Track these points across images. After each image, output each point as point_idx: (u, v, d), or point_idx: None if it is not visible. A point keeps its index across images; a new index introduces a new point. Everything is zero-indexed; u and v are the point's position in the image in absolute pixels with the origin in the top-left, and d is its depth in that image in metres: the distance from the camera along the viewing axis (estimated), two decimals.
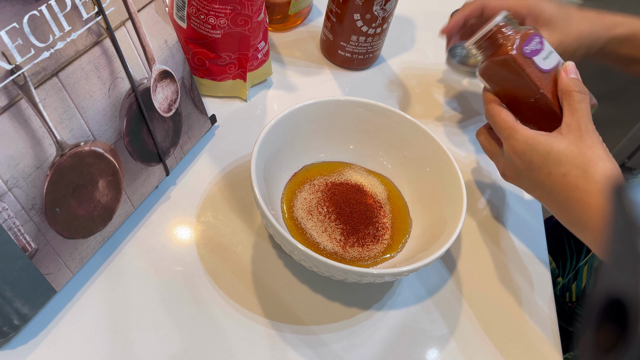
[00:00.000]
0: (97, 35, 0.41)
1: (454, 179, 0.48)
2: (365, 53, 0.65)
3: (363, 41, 0.64)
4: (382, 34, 0.65)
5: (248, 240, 0.49)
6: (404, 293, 0.49)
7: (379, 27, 0.63)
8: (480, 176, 0.60)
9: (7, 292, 0.38)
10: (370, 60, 0.67)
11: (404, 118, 0.52)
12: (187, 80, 0.52)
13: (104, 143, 0.43)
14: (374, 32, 0.63)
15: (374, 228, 0.50)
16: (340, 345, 0.44)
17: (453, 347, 0.46)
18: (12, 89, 0.35)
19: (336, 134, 0.54)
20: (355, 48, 0.64)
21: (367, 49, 0.65)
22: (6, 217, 0.37)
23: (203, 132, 0.56)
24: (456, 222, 0.45)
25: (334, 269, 0.41)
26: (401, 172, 0.54)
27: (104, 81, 0.42)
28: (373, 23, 0.62)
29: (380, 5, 0.60)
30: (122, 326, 0.43)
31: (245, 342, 0.43)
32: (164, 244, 0.48)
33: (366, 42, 0.64)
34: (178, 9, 0.55)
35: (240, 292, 0.46)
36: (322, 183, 0.52)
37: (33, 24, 0.36)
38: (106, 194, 0.44)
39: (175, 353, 0.42)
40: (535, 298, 0.50)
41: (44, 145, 0.38)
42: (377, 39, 0.65)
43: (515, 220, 0.56)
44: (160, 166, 0.50)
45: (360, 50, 0.65)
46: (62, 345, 0.41)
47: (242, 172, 0.54)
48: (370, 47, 0.65)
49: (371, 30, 0.63)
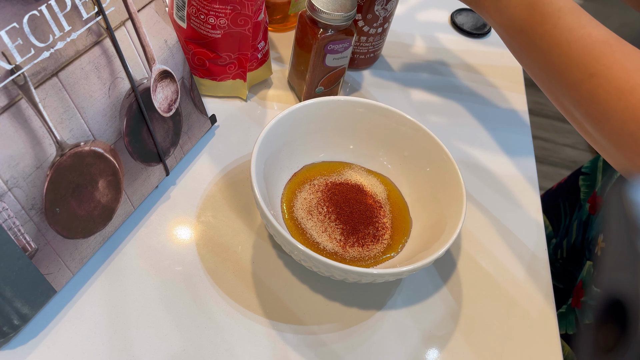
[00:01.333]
0: (97, 35, 0.41)
1: (454, 179, 0.48)
2: (366, 53, 0.65)
3: (364, 41, 0.64)
4: (383, 34, 0.65)
5: (248, 240, 0.49)
6: (404, 293, 0.49)
7: (380, 26, 0.63)
8: (481, 176, 0.60)
9: (7, 292, 0.38)
10: (371, 60, 0.67)
11: (404, 118, 0.52)
12: (187, 80, 0.52)
13: (104, 143, 0.43)
14: (375, 32, 0.63)
15: (374, 228, 0.50)
16: (340, 345, 0.44)
17: (453, 347, 0.46)
18: (12, 89, 0.35)
19: (336, 134, 0.54)
20: (357, 48, 0.64)
21: (369, 48, 0.65)
22: (6, 217, 0.37)
23: (203, 132, 0.56)
24: (456, 222, 0.45)
25: (334, 269, 0.41)
26: (401, 172, 0.54)
27: (104, 81, 0.42)
28: (374, 23, 0.62)
29: (381, 5, 0.60)
30: (122, 326, 0.43)
31: (245, 342, 0.43)
32: (164, 244, 0.48)
33: (367, 42, 0.64)
34: (178, 9, 0.55)
35: (240, 292, 0.46)
36: (322, 183, 0.52)
37: (33, 24, 0.36)
38: (106, 194, 0.44)
39: (175, 353, 0.42)
40: (536, 298, 0.50)
41: (44, 145, 0.38)
42: (378, 38, 0.65)
43: (515, 220, 0.56)
44: (160, 166, 0.50)
45: (361, 50, 0.65)
46: (62, 345, 0.41)
47: (242, 172, 0.54)
48: (371, 46, 0.65)
49: (372, 30, 0.63)
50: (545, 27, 0.43)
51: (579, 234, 0.65)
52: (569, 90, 0.42)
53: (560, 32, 0.43)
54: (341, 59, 0.57)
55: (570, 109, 0.43)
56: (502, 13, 0.46)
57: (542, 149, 1.81)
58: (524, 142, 0.64)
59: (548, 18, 0.43)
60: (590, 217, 0.64)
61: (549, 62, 0.44)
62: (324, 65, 0.57)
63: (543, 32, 0.43)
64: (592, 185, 0.69)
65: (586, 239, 0.63)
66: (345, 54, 0.57)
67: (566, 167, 1.78)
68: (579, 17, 0.43)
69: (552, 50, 0.43)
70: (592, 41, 0.41)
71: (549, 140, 1.84)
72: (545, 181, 1.71)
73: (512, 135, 0.64)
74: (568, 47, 0.42)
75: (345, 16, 0.53)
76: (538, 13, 0.44)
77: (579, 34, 0.42)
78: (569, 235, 0.67)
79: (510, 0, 0.45)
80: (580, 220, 0.66)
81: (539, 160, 1.76)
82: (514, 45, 0.47)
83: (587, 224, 0.64)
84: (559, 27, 0.43)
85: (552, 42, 0.43)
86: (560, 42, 0.42)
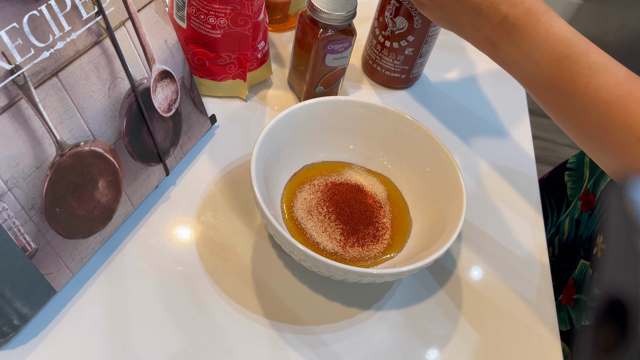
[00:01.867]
0: (97, 35, 0.41)
1: (454, 179, 0.48)
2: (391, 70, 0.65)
3: (380, 50, 0.64)
4: (398, 52, 0.63)
5: (248, 240, 0.49)
6: (404, 293, 0.49)
7: (395, 41, 0.62)
8: (481, 176, 0.60)
9: (7, 292, 0.38)
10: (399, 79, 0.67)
11: (404, 118, 0.52)
12: (187, 80, 0.52)
13: (104, 143, 0.43)
14: (389, 45, 0.62)
15: (374, 228, 0.50)
16: (340, 345, 0.44)
17: (453, 347, 0.46)
18: (12, 89, 0.35)
19: (336, 134, 0.54)
20: (378, 59, 0.64)
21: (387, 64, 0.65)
22: (6, 217, 0.37)
23: (203, 132, 0.56)
24: (456, 222, 0.45)
25: (334, 269, 0.41)
26: (401, 172, 0.54)
27: (104, 81, 0.42)
28: (384, 31, 0.62)
29: (390, 14, 0.60)
30: (122, 326, 0.43)
31: (245, 342, 0.43)
32: (164, 244, 0.48)
33: (382, 53, 0.64)
34: (178, 9, 0.55)
35: (240, 292, 0.46)
36: (322, 183, 0.52)
37: (33, 24, 0.36)
38: (106, 194, 0.44)
39: (175, 353, 0.42)
40: (536, 298, 0.50)
41: (44, 145, 0.38)
42: (397, 56, 0.64)
43: (515, 219, 0.56)
44: (160, 166, 0.50)
45: (377, 61, 0.65)
46: (62, 345, 0.41)
47: (242, 172, 0.54)
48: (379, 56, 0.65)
49: (380, 37, 0.62)
50: (577, 85, 0.40)
51: (571, 232, 0.65)
52: (612, 151, 0.40)
53: (595, 90, 0.39)
54: (341, 59, 0.57)
55: (612, 167, 0.41)
56: (522, 68, 0.44)
57: (542, 149, 1.81)
58: (524, 142, 0.64)
59: (578, 76, 0.40)
60: (582, 214, 0.63)
61: (585, 122, 0.41)
62: (324, 65, 0.57)
63: (574, 90, 0.40)
64: (579, 181, 0.68)
65: (579, 237, 0.63)
66: (345, 54, 0.57)
67: None
68: (614, 73, 0.40)
69: (588, 111, 0.40)
70: (634, 99, 0.38)
71: (549, 140, 1.84)
72: None
73: (512, 135, 0.64)
74: (607, 108, 0.39)
75: (345, 16, 0.53)
76: (565, 71, 0.41)
77: (618, 92, 0.39)
78: (561, 233, 0.67)
79: (529, 54, 0.43)
80: (572, 218, 0.65)
81: (539, 160, 1.76)
82: (541, 102, 0.44)
83: (579, 222, 0.64)
84: (593, 85, 0.40)
85: (586, 102, 0.40)
86: (597, 102, 0.39)
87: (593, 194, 0.62)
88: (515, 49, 0.44)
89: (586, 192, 0.64)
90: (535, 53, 0.42)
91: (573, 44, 0.41)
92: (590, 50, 0.41)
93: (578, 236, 0.63)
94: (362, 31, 0.72)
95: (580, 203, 0.65)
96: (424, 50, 0.62)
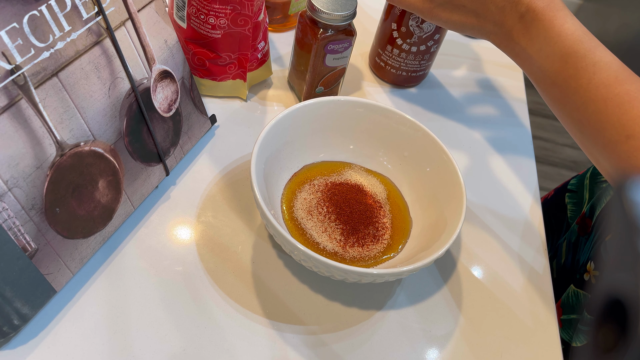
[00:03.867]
0: (97, 35, 0.41)
1: (454, 179, 0.48)
2: (407, 70, 0.66)
3: (397, 55, 0.64)
4: (418, 55, 0.63)
5: (248, 240, 0.49)
6: (404, 293, 0.49)
7: (414, 45, 0.62)
8: (481, 176, 0.60)
9: (7, 292, 0.38)
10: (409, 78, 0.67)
11: (404, 118, 0.52)
12: (187, 80, 0.52)
13: (104, 143, 0.43)
14: (408, 49, 0.63)
15: (374, 228, 0.50)
16: (340, 345, 0.45)
17: (453, 347, 0.46)
18: (12, 89, 0.35)
19: (336, 134, 0.54)
20: (390, 60, 0.65)
21: (407, 65, 0.65)
22: (6, 217, 0.37)
23: (203, 132, 0.56)
24: (456, 222, 0.45)
25: (334, 269, 0.41)
26: (401, 172, 0.54)
27: (104, 81, 0.42)
28: (408, 39, 0.62)
29: (416, 22, 0.60)
30: (122, 326, 0.43)
31: (245, 342, 0.43)
32: (164, 244, 0.48)
33: (399, 57, 0.64)
34: (178, 9, 0.55)
35: (240, 292, 0.46)
36: (322, 183, 0.52)
37: (33, 24, 0.36)
38: (106, 194, 0.44)
39: (175, 353, 0.42)
40: (536, 298, 0.50)
41: (44, 145, 0.38)
42: (414, 57, 0.64)
43: (515, 219, 0.56)
44: (160, 166, 0.50)
45: (393, 64, 0.65)
46: (62, 345, 0.41)
47: (242, 172, 0.54)
48: (403, 64, 0.65)
49: (406, 45, 0.62)
50: (580, 81, 0.41)
51: (569, 256, 0.64)
52: (605, 149, 0.40)
53: (596, 87, 0.40)
54: (341, 59, 0.57)
55: (606, 167, 0.41)
56: (533, 62, 0.44)
57: (542, 149, 1.81)
58: (524, 142, 0.64)
59: (582, 72, 0.41)
60: (579, 238, 0.62)
61: (583, 118, 0.41)
62: (324, 65, 0.57)
63: (577, 86, 0.41)
64: (579, 204, 0.68)
65: (576, 261, 0.61)
66: (345, 54, 0.57)
67: (566, 167, 1.78)
68: (617, 72, 0.40)
69: (587, 107, 0.40)
70: (629, 99, 0.39)
71: (549, 140, 1.84)
72: (545, 181, 1.71)
73: (512, 135, 0.65)
74: (604, 105, 0.39)
75: (345, 16, 0.53)
76: (571, 67, 0.41)
77: (616, 91, 0.39)
78: (559, 256, 0.66)
79: (541, 49, 0.43)
80: (569, 241, 0.64)
81: (539, 160, 1.76)
82: (546, 97, 0.45)
83: (576, 245, 0.63)
84: (594, 82, 0.40)
85: (586, 98, 0.41)
86: (595, 99, 0.40)
87: (590, 219, 0.62)
88: (530, 43, 0.44)
89: (583, 217, 0.63)
90: (547, 48, 0.43)
91: (582, 41, 0.42)
92: (598, 48, 0.42)
93: (575, 260, 0.62)
94: (362, 31, 0.72)
95: (577, 227, 0.64)
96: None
